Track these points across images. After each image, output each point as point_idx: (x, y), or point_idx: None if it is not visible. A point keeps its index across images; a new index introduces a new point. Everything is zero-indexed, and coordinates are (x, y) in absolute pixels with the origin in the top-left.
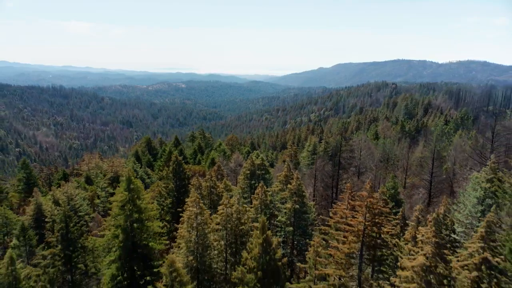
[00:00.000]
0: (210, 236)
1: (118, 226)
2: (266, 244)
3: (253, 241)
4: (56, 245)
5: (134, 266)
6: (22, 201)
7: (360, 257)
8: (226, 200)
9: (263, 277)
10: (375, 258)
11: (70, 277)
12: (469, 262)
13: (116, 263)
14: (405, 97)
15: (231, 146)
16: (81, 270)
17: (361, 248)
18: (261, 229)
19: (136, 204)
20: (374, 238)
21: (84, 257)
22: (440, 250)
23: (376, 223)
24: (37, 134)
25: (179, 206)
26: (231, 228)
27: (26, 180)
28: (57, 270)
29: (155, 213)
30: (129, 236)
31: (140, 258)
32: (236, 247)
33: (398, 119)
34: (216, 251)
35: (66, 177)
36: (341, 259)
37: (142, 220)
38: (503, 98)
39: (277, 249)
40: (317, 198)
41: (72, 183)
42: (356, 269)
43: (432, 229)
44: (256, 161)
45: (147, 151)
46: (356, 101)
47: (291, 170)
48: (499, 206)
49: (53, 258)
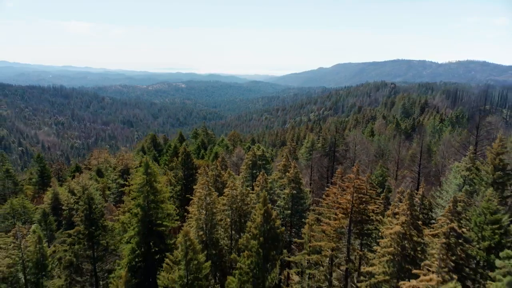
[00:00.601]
0: (217, 215)
1: (138, 205)
2: (267, 214)
3: (256, 212)
4: (80, 224)
5: (150, 242)
6: (36, 193)
7: (348, 232)
8: (232, 184)
9: (264, 242)
10: (361, 232)
11: (92, 253)
12: (439, 231)
13: (135, 238)
14: (403, 97)
15: (233, 141)
16: (102, 246)
17: (349, 223)
18: (263, 202)
19: (153, 186)
20: (361, 215)
21: (104, 235)
22: (414, 221)
23: (362, 201)
24: (39, 134)
25: (187, 192)
26: (236, 208)
27: (40, 173)
28: (81, 246)
29: (169, 195)
30: (147, 214)
31: (155, 235)
32: (240, 225)
33: (395, 117)
34: (222, 228)
35: (79, 170)
36: (332, 234)
37: (158, 201)
38: (499, 97)
39: (276, 220)
40: (313, 187)
41: (85, 175)
42: (345, 241)
43: (407, 203)
44: (258, 152)
45: (152, 147)
46: (355, 100)
47: (289, 160)
48: (476, 192)
49: (78, 236)
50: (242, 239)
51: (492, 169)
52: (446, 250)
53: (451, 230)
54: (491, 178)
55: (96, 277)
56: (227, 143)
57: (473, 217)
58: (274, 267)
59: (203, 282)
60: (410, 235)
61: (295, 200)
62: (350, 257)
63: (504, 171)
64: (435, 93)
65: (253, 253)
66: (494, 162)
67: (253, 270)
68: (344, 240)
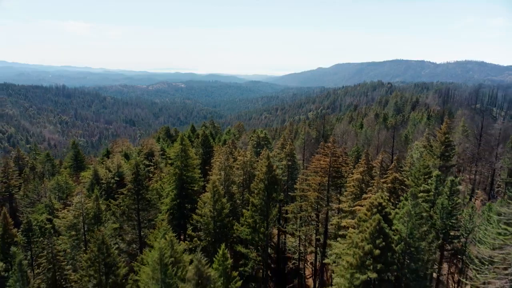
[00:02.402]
0: (232, 176)
1: (176, 166)
2: (269, 166)
3: (262, 163)
4: (130, 183)
5: (183, 196)
6: (72, 175)
7: (328, 184)
8: (243, 153)
9: (268, 185)
10: (336, 184)
11: (137, 206)
12: (387, 179)
13: (173, 191)
14: (396, 95)
15: (238, 131)
16: (145, 201)
17: (328, 178)
18: (266, 158)
19: (186, 153)
20: (336, 172)
21: (146, 192)
22: (370, 171)
23: (337, 163)
24: (44, 132)
25: (206, 165)
26: (246, 170)
27: (74, 157)
28: (131, 200)
29: (197, 162)
30: (182, 174)
31: (186, 192)
32: (248, 184)
33: (383, 113)
34: (236, 186)
35: (108, 154)
36: (315, 186)
37: (189, 166)
38: (489, 97)
39: (276, 170)
40: (305, 163)
41: (118, 156)
42: (325, 191)
43: (364, 160)
44: (261, 134)
45: (166, 137)
46: (353, 100)
47: (286, 140)
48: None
49: (129, 192)
50: (252, 184)
51: (439, 145)
52: (391, 191)
53: (395, 179)
54: (439, 151)
55: (139, 223)
56: (234, 131)
57: (413, 171)
58: (275, 206)
59: (223, 217)
60: (367, 180)
61: (290, 170)
62: (329, 203)
63: (449, 146)
64: (428, 92)
65: (261, 192)
66: (442, 139)
67: (261, 204)
68: (325, 192)
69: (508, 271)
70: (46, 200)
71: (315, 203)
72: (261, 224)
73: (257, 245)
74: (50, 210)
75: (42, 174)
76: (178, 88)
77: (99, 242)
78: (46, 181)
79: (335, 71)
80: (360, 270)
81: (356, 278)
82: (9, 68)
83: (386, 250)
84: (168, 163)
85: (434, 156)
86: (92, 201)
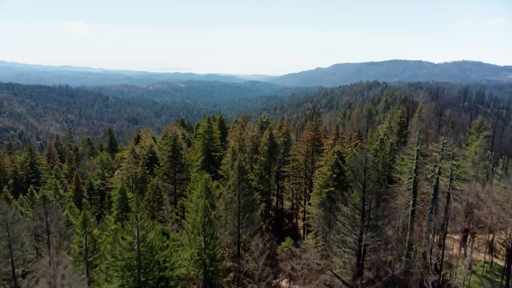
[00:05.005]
0: (244, 147)
1: (204, 138)
2: (271, 135)
3: (265, 133)
4: (170, 151)
5: (209, 161)
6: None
7: (311, 151)
8: (251, 128)
9: (270, 147)
10: (318, 150)
11: (174, 170)
12: (352, 144)
13: (202, 157)
14: (387, 94)
15: (244, 121)
16: (180, 164)
17: (312, 147)
18: (268, 129)
19: (211, 129)
20: (316, 142)
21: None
22: (342, 140)
23: (317, 135)
24: (51, 130)
25: (222, 142)
26: (254, 142)
27: (110, 141)
28: (169, 165)
29: (219, 135)
30: (208, 144)
31: (211, 158)
32: (255, 154)
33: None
34: (246, 154)
35: (139, 138)
36: (303, 152)
37: (213, 138)
38: (476, 95)
39: (276, 137)
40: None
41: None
42: (310, 156)
43: (334, 132)
44: (264, 119)
45: (182, 127)
46: (349, 99)
47: (283, 123)
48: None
49: (169, 158)
50: (259, 148)
51: (396, 125)
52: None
53: (355, 144)
54: (396, 130)
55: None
56: (240, 121)
57: (372, 142)
58: (275, 165)
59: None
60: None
61: (286, 145)
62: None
63: (403, 126)
64: (421, 91)
65: (265, 153)
66: (398, 121)
67: (265, 161)
68: (309, 156)
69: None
70: (98, 170)
71: (303, 164)
72: (266, 174)
73: (263, 192)
74: (102, 177)
75: (82, 154)
76: (178, 88)
77: (154, 187)
78: (92, 159)
79: (334, 71)
80: (325, 187)
81: (323, 192)
82: (9, 68)
83: (340, 175)
84: (192, 141)
85: (392, 133)
86: (139, 167)
